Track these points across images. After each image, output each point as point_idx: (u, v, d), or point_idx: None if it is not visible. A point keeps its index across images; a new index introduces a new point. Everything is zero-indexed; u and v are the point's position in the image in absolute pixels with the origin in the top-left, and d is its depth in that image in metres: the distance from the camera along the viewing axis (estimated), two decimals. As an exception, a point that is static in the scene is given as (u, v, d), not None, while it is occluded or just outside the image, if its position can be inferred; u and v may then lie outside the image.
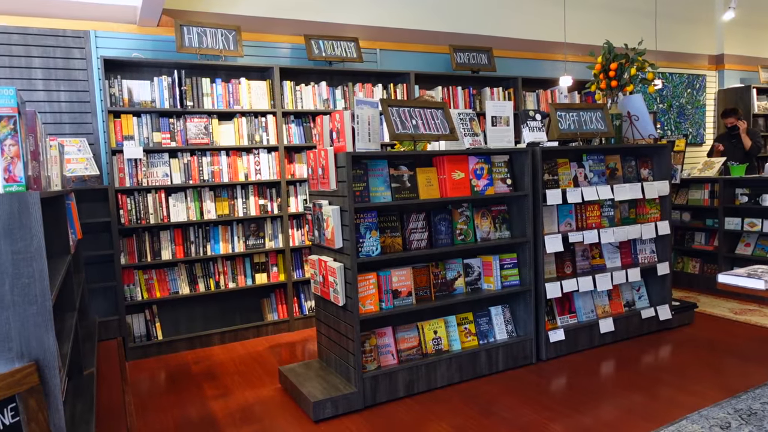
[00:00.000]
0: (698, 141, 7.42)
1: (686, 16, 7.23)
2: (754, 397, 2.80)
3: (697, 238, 5.41)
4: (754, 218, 4.89)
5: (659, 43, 6.77)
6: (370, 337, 3.01)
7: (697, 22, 7.36)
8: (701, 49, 7.41)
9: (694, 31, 7.34)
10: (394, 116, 3.02)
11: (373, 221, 2.95)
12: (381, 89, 4.83)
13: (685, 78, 7.20)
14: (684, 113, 7.23)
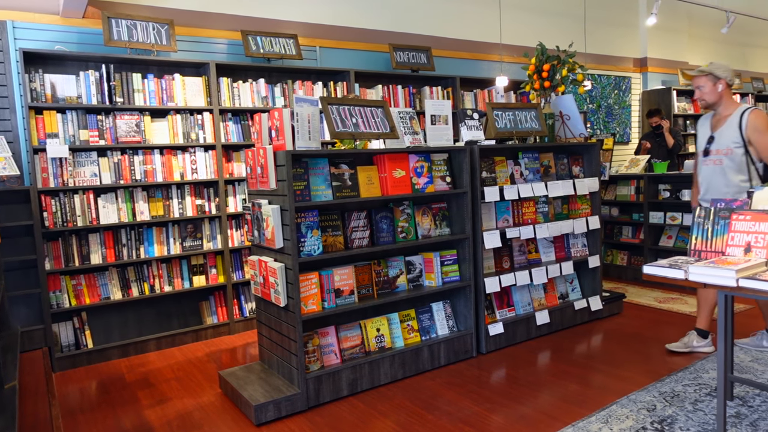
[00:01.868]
0: (625, 140, 7.82)
1: (613, 20, 7.59)
2: (677, 380, 2.99)
3: (624, 231, 5.71)
4: (676, 212, 5.21)
5: (588, 46, 7.08)
6: (313, 337, 2.99)
7: (622, 27, 7.74)
8: (627, 52, 7.80)
9: (620, 35, 7.72)
10: (334, 114, 3.00)
11: (314, 220, 2.92)
12: (321, 87, 4.79)
13: (612, 80, 7.57)
14: (612, 113, 7.60)
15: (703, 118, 3.37)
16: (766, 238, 2.05)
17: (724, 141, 3.14)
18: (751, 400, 2.71)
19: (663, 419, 2.56)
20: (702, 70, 3.18)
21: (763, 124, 3.03)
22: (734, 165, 3.11)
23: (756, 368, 3.10)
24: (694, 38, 8.73)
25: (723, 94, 3.18)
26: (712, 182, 3.22)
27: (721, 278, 1.93)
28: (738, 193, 3.10)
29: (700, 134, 3.35)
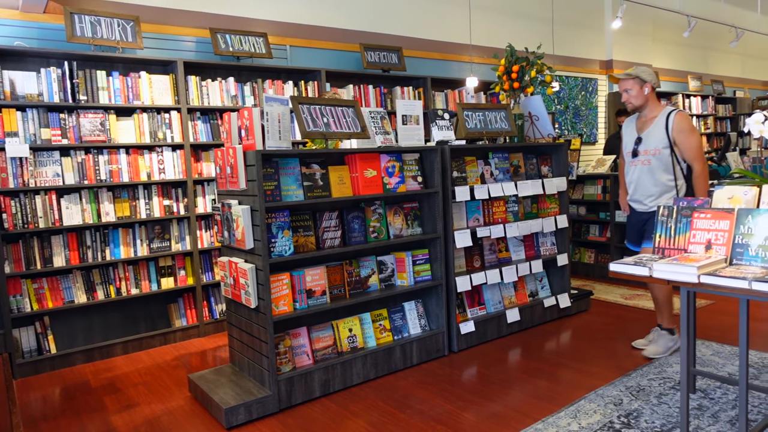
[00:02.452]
0: (592, 140, 7.98)
1: (580, 23, 7.74)
2: (642, 375, 3.07)
3: (591, 230, 5.83)
4: (640, 211, 5.33)
5: (556, 48, 7.20)
6: (285, 338, 2.96)
7: (589, 30, 7.90)
8: (593, 54, 7.97)
9: (587, 37, 7.88)
10: (305, 114, 2.98)
11: (285, 220, 2.90)
12: (292, 86, 4.76)
13: (579, 81, 7.72)
14: (579, 114, 7.75)
15: (627, 120, 3.46)
16: (725, 236, 2.12)
17: (651, 142, 3.23)
18: (713, 393, 2.79)
19: (629, 413, 2.62)
20: (629, 73, 3.25)
21: (687, 126, 3.15)
22: (662, 165, 3.21)
23: (717, 361, 3.21)
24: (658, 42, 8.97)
25: (649, 97, 3.27)
26: (641, 182, 3.31)
27: (683, 275, 1.98)
28: (665, 192, 3.23)
29: (626, 136, 3.43)
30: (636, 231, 3.45)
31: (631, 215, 3.50)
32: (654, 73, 3.25)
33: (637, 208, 3.40)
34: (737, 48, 9.15)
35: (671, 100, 8.71)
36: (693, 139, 3.17)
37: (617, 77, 3.31)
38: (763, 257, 2.01)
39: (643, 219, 3.37)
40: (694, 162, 3.18)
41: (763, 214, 2.04)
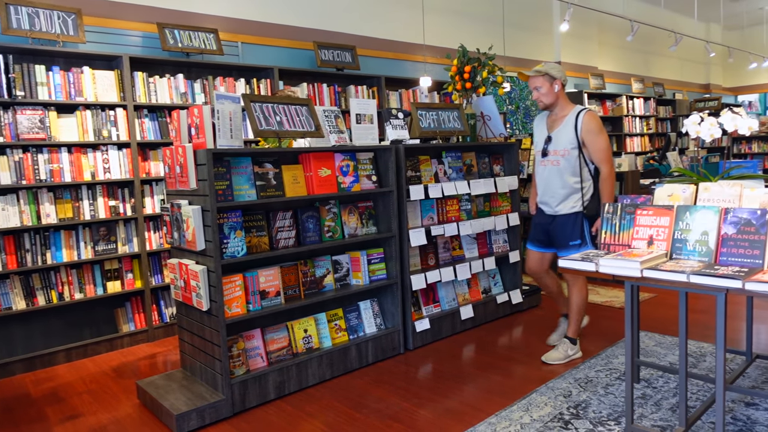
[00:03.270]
0: (542, 140, 8.19)
1: (529, 25, 7.94)
2: (590, 367, 3.17)
3: (542, 227, 5.98)
4: (588, 208, 5.51)
5: (507, 49, 7.36)
6: (238, 340, 2.90)
7: (538, 32, 8.11)
8: (543, 56, 8.19)
9: (537, 39, 8.09)
10: (257, 112, 2.93)
11: (237, 221, 2.84)
12: (244, 84, 4.67)
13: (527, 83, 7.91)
14: (529, 114, 7.95)
15: (538, 118, 3.36)
16: (665, 232, 2.22)
17: (561, 142, 3.14)
18: (655, 382, 2.92)
19: (578, 404, 2.71)
20: (538, 70, 3.15)
21: (596, 127, 3.08)
22: (570, 166, 3.13)
23: (659, 352, 3.35)
24: (603, 45, 9.30)
25: (559, 95, 3.18)
26: (549, 183, 3.22)
27: (627, 269, 2.06)
28: (571, 194, 3.16)
29: (536, 134, 3.32)
30: (541, 233, 3.37)
31: (538, 216, 3.40)
32: (563, 71, 3.19)
33: (545, 209, 3.32)
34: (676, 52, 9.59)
35: (616, 102, 9.05)
36: (601, 140, 3.08)
37: (527, 74, 3.20)
38: (700, 251, 2.11)
39: (547, 221, 3.29)
40: (602, 164, 3.11)
41: (700, 210, 2.14)
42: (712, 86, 12.79)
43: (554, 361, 3.26)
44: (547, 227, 3.31)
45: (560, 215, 3.21)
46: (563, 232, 3.21)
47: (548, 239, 3.34)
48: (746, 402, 2.63)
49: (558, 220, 3.23)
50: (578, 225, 3.17)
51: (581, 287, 3.29)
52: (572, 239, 3.18)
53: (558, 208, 3.21)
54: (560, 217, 3.21)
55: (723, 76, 13.25)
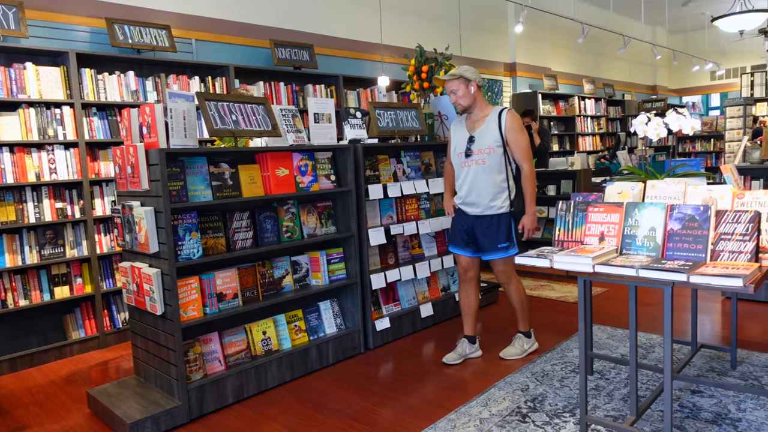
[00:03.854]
0: (498, 139, 8.34)
1: (485, 27, 8.07)
2: (546, 360, 3.25)
3: (499, 225, 6.08)
4: (542, 206, 5.67)
5: (463, 49, 7.45)
6: (194, 344, 2.84)
7: (494, 33, 8.25)
8: (498, 57, 8.34)
9: (492, 40, 8.23)
10: (212, 111, 2.87)
11: (192, 222, 2.78)
12: (198, 82, 4.57)
13: (485, 82, 8.04)
14: (486, 114, 8.07)
15: (455, 121, 3.31)
16: (616, 228, 2.29)
17: (485, 141, 3.11)
18: (608, 373, 3.02)
19: (535, 397, 2.77)
20: (453, 73, 3.11)
21: (518, 125, 3.11)
22: (495, 164, 3.11)
23: (611, 344, 3.47)
24: (557, 47, 9.55)
25: (477, 96, 3.14)
26: (476, 182, 3.14)
27: (580, 265, 2.12)
28: (499, 193, 3.12)
29: (456, 137, 3.25)
30: (464, 234, 3.26)
31: (459, 218, 3.29)
32: (477, 72, 3.17)
33: (470, 211, 3.21)
34: (625, 54, 9.94)
35: (569, 102, 9.30)
36: (523, 138, 3.11)
37: (442, 78, 3.17)
38: (648, 247, 2.19)
39: (471, 223, 3.21)
40: (524, 162, 3.12)
41: (648, 207, 2.23)
42: (659, 87, 13.32)
43: (511, 357, 3.31)
44: (471, 229, 3.22)
45: (487, 215, 3.15)
46: (491, 234, 3.16)
47: (474, 242, 3.25)
48: (692, 390, 2.75)
49: (485, 221, 3.16)
50: (506, 226, 3.15)
51: (517, 285, 3.33)
52: (500, 241, 3.16)
53: (486, 207, 3.15)
54: (488, 218, 3.15)
55: (668, 78, 13.82)
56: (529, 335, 3.38)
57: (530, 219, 3.16)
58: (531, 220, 3.16)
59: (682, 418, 2.47)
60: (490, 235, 3.16)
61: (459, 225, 3.29)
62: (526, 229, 3.17)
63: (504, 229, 3.16)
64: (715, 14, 9.04)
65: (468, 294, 3.39)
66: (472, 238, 3.25)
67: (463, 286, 3.40)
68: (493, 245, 3.17)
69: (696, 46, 12.66)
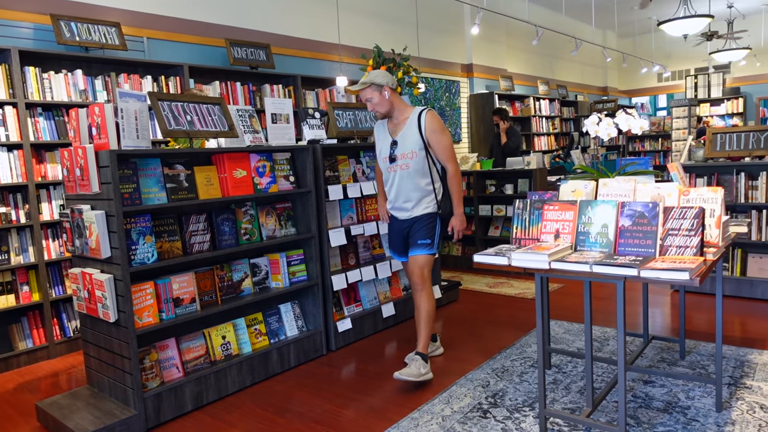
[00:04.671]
0: (456, 139, 8.45)
1: (442, 28, 8.15)
2: (506, 356, 3.31)
3: (459, 224, 6.16)
4: (500, 205, 5.77)
5: (421, 50, 7.51)
6: (150, 351, 2.76)
7: (451, 35, 8.35)
8: (455, 58, 8.43)
9: (449, 42, 8.32)
10: (165, 111, 2.80)
11: (146, 225, 2.70)
12: (151, 82, 4.44)
13: (443, 83, 8.13)
14: (444, 114, 8.16)
15: (378, 123, 3.21)
16: (570, 225, 2.36)
17: (408, 144, 3.02)
18: (565, 367, 3.10)
19: (495, 393, 2.81)
20: (363, 82, 3.00)
21: (439, 125, 3.02)
22: (419, 168, 3.02)
23: (568, 338, 3.56)
24: (512, 49, 9.73)
25: (393, 100, 3.05)
26: (402, 187, 3.07)
27: (536, 262, 2.17)
28: (425, 196, 3.06)
29: (379, 142, 3.17)
30: (399, 239, 3.20)
31: (393, 224, 3.23)
32: (388, 75, 3.04)
33: (400, 216, 3.15)
34: (577, 56, 10.22)
35: (524, 103, 9.50)
36: (445, 138, 3.03)
37: (353, 89, 3.06)
38: (601, 243, 2.26)
39: (404, 227, 3.15)
40: (448, 162, 3.06)
41: (600, 205, 2.30)
42: (609, 89, 13.77)
43: (406, 377, 2.92)
44: (405, 233, 3.15)
45: (416, 217, 3.09)
46: (415, 230, 3.10)
47: (408, 246, 3.18)
48: (645, 380, 2.85)
49: (413, 222, 3.11)
50: (432, 225, 3.09)
51: (429, 293, 3.11)
52: (422, 238, 3.07)
53: (414, 211, 3.08)
54: (414, 219, 3.10)
55: (619, 80, 14.29)
56: (426, 358, 3.03)
57: (459, 220, 3.11)
58: (460, 221, 3.11)
59: (636, 408, 2.56)
60: (417, 232, 3.09)
61: (394, 230, 3.23)
62: (455, 230, 3.12)
63: (428, 227, 3.07)
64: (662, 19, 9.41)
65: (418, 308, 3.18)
66: (406, 242, 3.17)
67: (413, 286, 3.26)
68: (414, 241, 3.10)
69: (644, 49, 13.15)
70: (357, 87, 3.01)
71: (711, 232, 2.25)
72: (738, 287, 4.23)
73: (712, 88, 12.16)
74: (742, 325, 3.67)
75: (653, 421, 2.43)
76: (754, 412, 2.45)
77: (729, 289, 4.25)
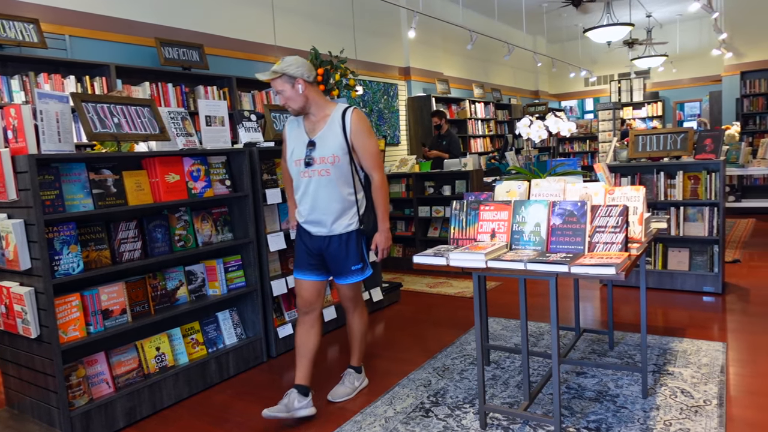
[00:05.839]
0: (395, 141, 8.53)
1: (380, 31, 8.20)
2: (447, 355, 3.37)
3: (399, 225, 6.23)
4: (439, 206, 5.87)
5: (358, 53, 7.53)
6: (77, 367, 2.61)
7: (388, 38, 8.42)
8: (393, 61, 8.51)
9: (387, 45, 8.39)
10: (90, 113, 2.66)
11: (71, 234, 2.55)
12: (74, 82, 4.21)
13: (381, 86, 8.18)
14: (383, 117, 8.22)
15: (290, 122, 2.73)
16: (505, 225, 2.43)
17: (329, 147, 2.56)
18: (503, 363, 3.19)
19: (437, 392, 2.86)
20: (274, 70, 2.55)
21: (366, 128, 2.61)
22: (342, 175, 2.58)
23: (506, 335, 3.66)
24: (448, 53, 9.93)
25: (308, 95, 2.57)
26: (319, 197, 2.59)
27: (473, 261, 2.22)
28: (347, 209, 2.62)
29: (292, 141, 2.68)
30: (313, 257, 2.70)
31: (304, 239, 2.71)
32: (306, 64, 2.59)
33: (315, 231, 2.66)
34: (510, 61, 10.57)
35: (460, 106, 9.72)
36: (372, 143, 2.63)
37: (264, 78, 2.58)
38: (534, 241, 2.34)
39: (320, 246, 2.67)
40: (374, 171, 2.63)
41: (533, 204, 2.38)
42: (541, 93, 14.32)
43: (342, 398, 2.84)
44: (319, 251, 2.69)
45: (335, 236, 2.65)
46: (341, 256, 2.66)
47: (323, 265, 2.74)
48: (577, 372, 2.98)
49: (334, 242, 2.65)
50: (358, 246, 2.69)
51: (362, 313, 2.91)
52: (354, 263, 2.69)
53: (334, 227, 2.63)
54: (336, 239, 2.65)
55: (549, 84, 14.90)
56: (360, 371, 2.95)
57: (384, 237, 2.70)
58: (385, 238, 2.71)
59: (569, 399, 2.67)
60: (340, 258, 2.67)
61: (303, 247, 2.72)
62: (379, 249, 2.70)
63: (355, 250, 2.68)
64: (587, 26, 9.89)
65: (308, 330, 2.74)
66: (320, 261, 2.72)
67: (304, 319, 2.76)
68: (345, 268, 2.70)
69: (572, 55, 13.77)
70: (267, 76, 2.56)
71: (634, 228, 2.38)
72: (660, 280, 4.50)
73: (634, 93, 12.91)
74: (665, 315, 3.91)
75: (586, 411, 2.54)
76: (676, 397, 2.62)
77: (652, 281, 4.51)
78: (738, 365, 2.95)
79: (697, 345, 3.24)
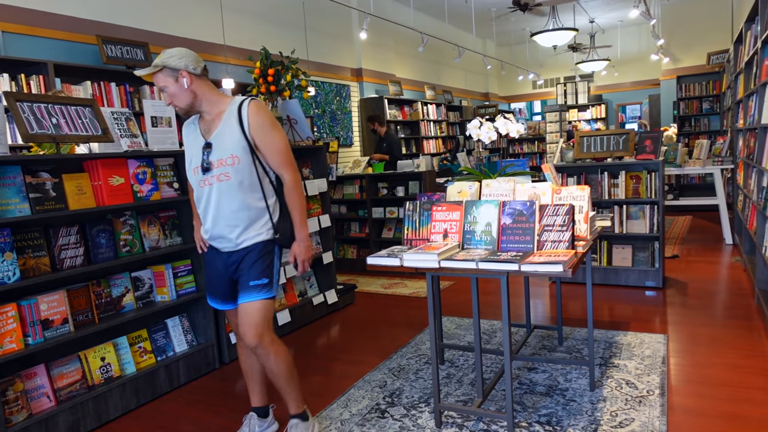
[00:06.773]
0: (348, 143, 8.51)
1: (331, 32, 8.17)
2: (402, 355, 3.38)
3: (353, 227, 6.22)
4: (393, 207, 5.89)
5: (310, 54, 7.47)
6: (14, 381, 2.47)
7: (340, 39, 8.39)
8: (345, 62, 8.49)
9: (339, 46, 8.36)
10: (26, 113, 2.53)
11: (6, 241, 2.42)
12: (8, 80, 3.99)
13: (334, 87, 8.15)
14: (335, 118, 8.19)
15: (186, 125, 2.33)
16: (457, 225, 2.46)
17: (226, 147, 2.16)
18: (457, 361, 3.23)
19: (393, 392, 2.86)
20: (155, 64, 2.14)
21: (269, 120, 2.21)
22: (246, 178, 2.18)
23: (460, 333, 3.71)
24: (400, 55, 9.99)
25: (196, 90, 2.18)
26: (221, 207, 2.20)
27: (427, 261, 2.24)
28: (257, 218, 2.22)
29: (189, 147, 2.27)
30: (224, 281, 2.31)
31: (213, 259, 2.34)
32: (191, 55, 2.19)
33: (223, 247, 2.27)
34: (460, 63, 10.73)
35: (413, 107, 9.79)
36: (278, 137, 2.23)
37: (144, 74, 2.16)
38: (486, 240, 2.39)
39: (230, 263, 2.27)
40: (283, 169, 2.25)
41: (484, 204, 2.42)
42: (491, 95, 14.62)
43: None
44: (230, 271, 2.28)
45: (242, 249, 2.24)
46: (247, 269, 2.23)
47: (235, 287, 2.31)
48: (528, 367, 3.05)
49: (241, 256, 2.24)
50: (267, 257, 2.25)
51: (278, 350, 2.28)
52: (254, 278, 2.21)
53: (240, 240, 2.22)
54: (242, 252, 2.24)
55: (498, 86, 15.22)
56: (305, 417, 2.41)
57: (303, 246, 2.29)
58: (305, 248, 2.30)
59: (521, 394, 2.73)
60: (244, 271, 2.23)
61: (214, 268, 2.34)
62: (299, 261, 2.30)
63: (262, 260, 2.23)
64: (534, 30, 10.17)
65: (250, 354, 2.43)
66: (233, 284, 2.32)
67: (242, 343, 2.43)
68: (243, 283, 2.23)
69: (520, 58, 14.12)
70: (147, 71, 2.15)
71: (580, 226, 2.46)
72: (605, 276, 4.67)
73: (579, 95, 13.36)
74: (610, 309, 4.06)
75: (537, 405, 2.61)
76: (621, 388, 2.72)
77: (598, 277, 4.68)
78: (678, 356, 3.10)
79: (640, 338, 3.38)
